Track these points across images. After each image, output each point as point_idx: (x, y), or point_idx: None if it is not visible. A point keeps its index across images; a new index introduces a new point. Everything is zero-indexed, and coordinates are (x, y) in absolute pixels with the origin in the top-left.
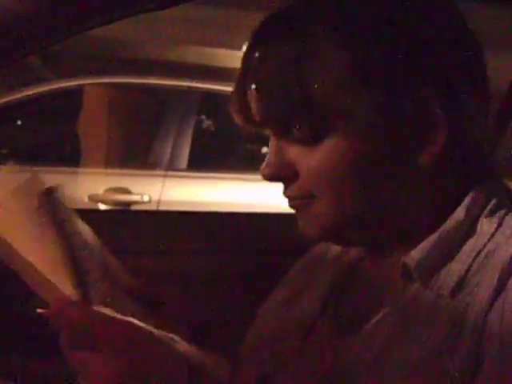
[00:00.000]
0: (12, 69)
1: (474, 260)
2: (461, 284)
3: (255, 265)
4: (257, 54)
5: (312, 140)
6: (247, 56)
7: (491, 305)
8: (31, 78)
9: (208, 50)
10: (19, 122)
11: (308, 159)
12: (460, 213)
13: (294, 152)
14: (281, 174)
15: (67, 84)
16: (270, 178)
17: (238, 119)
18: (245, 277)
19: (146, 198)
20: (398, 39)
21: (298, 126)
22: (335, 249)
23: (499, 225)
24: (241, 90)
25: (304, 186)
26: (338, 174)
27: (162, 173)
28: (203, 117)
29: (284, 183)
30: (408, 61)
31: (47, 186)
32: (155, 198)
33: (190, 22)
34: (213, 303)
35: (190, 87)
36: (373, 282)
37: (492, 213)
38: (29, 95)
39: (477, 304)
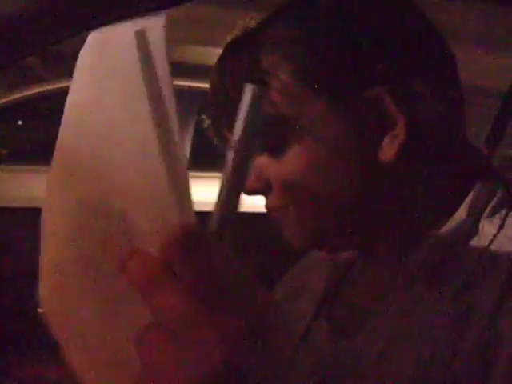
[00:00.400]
0: (12, 69)
1: (477, 262)
2: (464, 286)
3: (256, 264)
4: (218, 73)
5: (276, 152)
6: (212, 77)
7: (498, 309)
8: (32, 78)
9: (208, 49)
10: (20, 122)
11: (276, 170)
12: (462, 213)
13: (264, 165)
14: (257, 187)
15: (68, 84)
16: (249, 192)
17: (213, 138)
18: None
19: None
20: (340, 42)
21: (259, 140)
22: None
23: (501, 226)
24: (211, 109)
25: (278, 197)
26: (305, 182)
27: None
28: (204, 116)
29: (263, 196)
30: (354, 62)
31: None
32: None
33: (191, 22)
34: None
35: (190, 87)
36: (368, 284)
37: (493, 213)
38: (29, 95)
39: (482, 307)
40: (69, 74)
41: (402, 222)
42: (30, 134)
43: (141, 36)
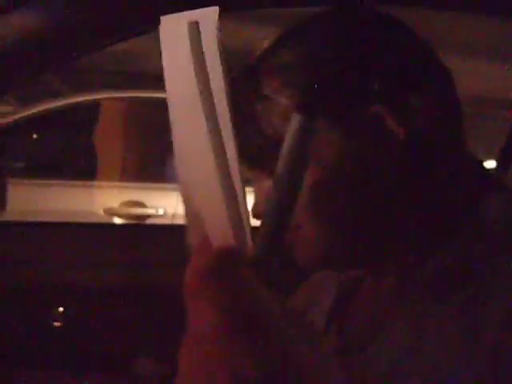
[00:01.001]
0: (29, 83)
1: (486, 277)
2: (472, 302)
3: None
4: None
5: None
6: None
7: (506, 323)
8: (47, 93)
9: None
10: (35, 136)
11: None
12: (469, 228)
13: (270, 188)
14: (263, 211)
15: (83, 98)
16: (257, 216)
17: None
18: None
19: (160, 212)
20: (336, 64)
21: (263, 165)
22: None
23: (507, 242)
24: None
25: None
26: (310, 204)
27: (177, 186)
28: None
29: None
30: (351, 82)
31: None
32: (170, 211)
33: None
34: None
35: None
36: (377, 298)
37: (502, 227)
38: (45, 109)
39: (490, 321)
40: (84, 88)
41: (408, 237)
42: (46, 148)
43: (193, 28)
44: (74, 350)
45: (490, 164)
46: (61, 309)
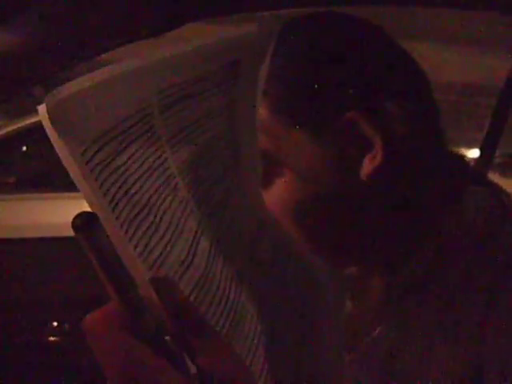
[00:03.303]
0: (16, 97)
1: (466, 273)
2: (454, 298)
3: None
4: None
5: (264, 184)
6: None
7: (486, 315)
8: (34, 106)
9: None
10: (24, 148)
11: (266, 200)
12: (450, 228)
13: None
14: None
15: None
16: None
17: None
18: None
19: None
20: (311, 72)
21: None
22: None
23: (489, 238)
24: None
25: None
26: (292, 211)
27: None
28: None
29: None
30: (326, 90)
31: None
32: None
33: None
34: None
35: None
36: (367, 299)
37: (483, 223)
38: (33, 123)
39: (471, 316)
40: None
41: (391, 238)
42: (36, 160)
43: (43, 112)
44: (70, 364)
45: (474, 153)
46: (55, 323)
